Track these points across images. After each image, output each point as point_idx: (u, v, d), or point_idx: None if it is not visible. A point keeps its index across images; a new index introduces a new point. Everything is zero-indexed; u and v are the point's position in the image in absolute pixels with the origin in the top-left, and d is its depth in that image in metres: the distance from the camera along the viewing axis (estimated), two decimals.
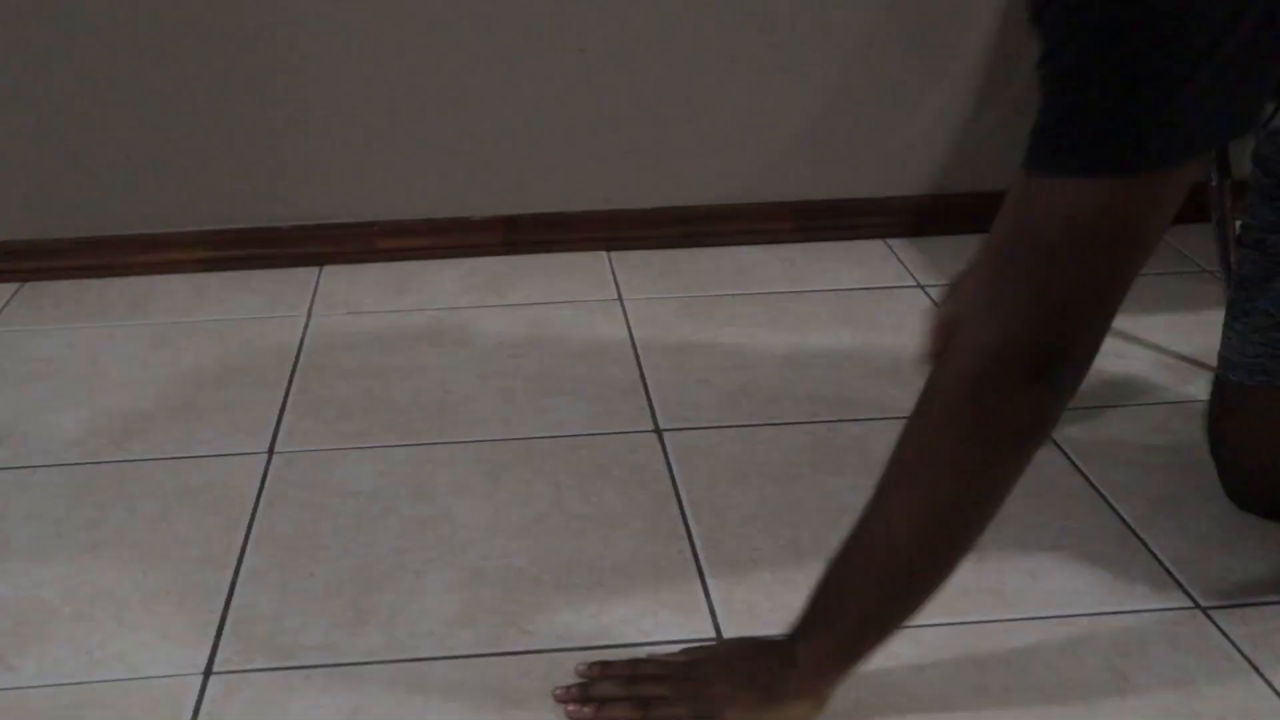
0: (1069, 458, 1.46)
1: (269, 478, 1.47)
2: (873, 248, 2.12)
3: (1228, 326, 1.33)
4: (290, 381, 1.72)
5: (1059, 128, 0.87)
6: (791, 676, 1.01)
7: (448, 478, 1.32)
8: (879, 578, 0.98)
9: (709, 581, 1.26)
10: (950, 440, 0.94)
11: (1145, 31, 0.82)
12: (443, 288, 2.00)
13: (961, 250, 1.72)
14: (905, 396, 1.08)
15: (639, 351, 1.76)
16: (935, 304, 1.14)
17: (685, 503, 1.39)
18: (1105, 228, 0.88)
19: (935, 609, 1.20)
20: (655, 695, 1.04)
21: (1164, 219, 0.90)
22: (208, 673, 1.15)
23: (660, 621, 1.21)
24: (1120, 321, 1.71)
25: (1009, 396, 0.91)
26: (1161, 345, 1.75)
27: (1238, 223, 1.36)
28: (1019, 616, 1.19)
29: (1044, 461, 1.46)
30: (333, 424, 1.60)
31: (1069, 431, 1.51)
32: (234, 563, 1.31)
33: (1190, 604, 1.20)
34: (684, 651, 1.08)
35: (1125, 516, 1.34)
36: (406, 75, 2.05)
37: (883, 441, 1.14)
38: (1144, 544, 1.29)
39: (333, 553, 1.32)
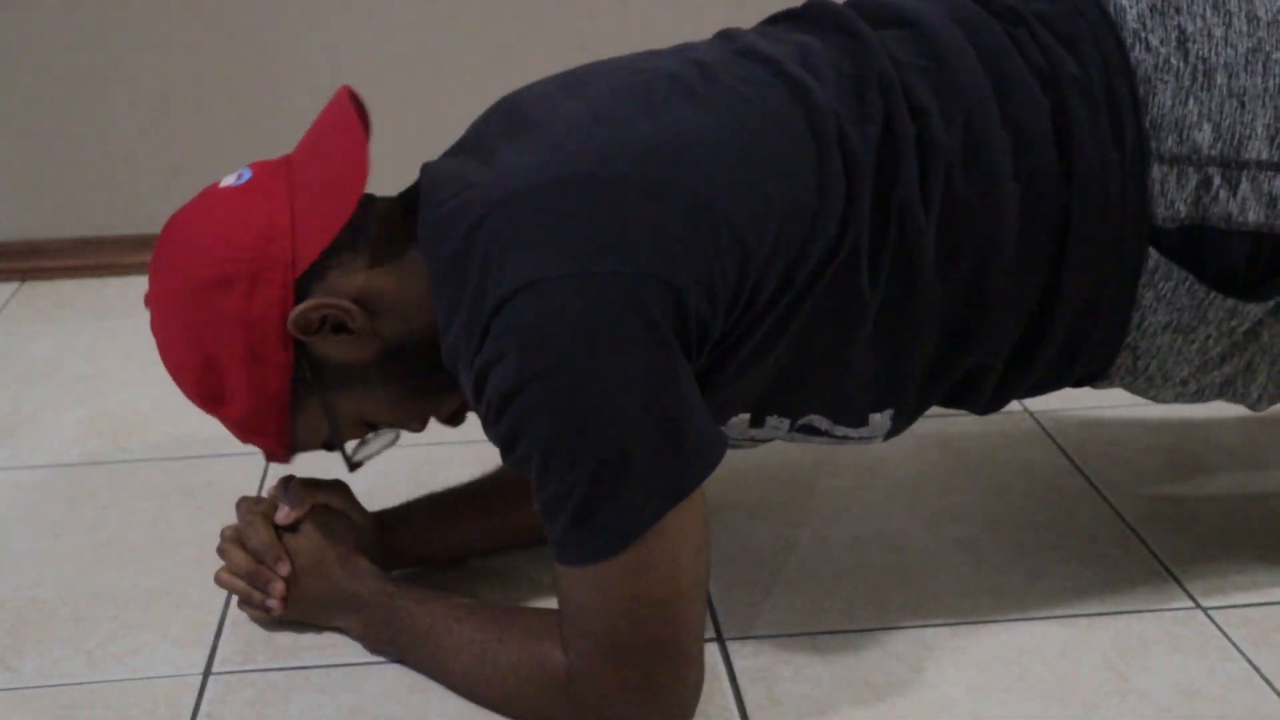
0: (1069, 458, 1.46)
1: (269, 477, 1.47)
2: None
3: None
4: None
5: (569, 534, 0.99)
6: (348, 615, 1.16)
7: (447, 477, 1.32)
8: (442, 677, 1.12)
9: None
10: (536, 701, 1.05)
11: (582, 448, 0.95)
12: None
13: None
14: None
15: None
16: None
17: None
18: (643, 582, 0.98)
19: (935, 609, 1.20)
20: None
21: (694, 532, 0.99)
22: (207, 673, 1.15)
23: None
24: None
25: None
26: None
27: None
28: (1019, 616, 1.19)
29: (1044, 462, 1.46)
30: None
31: (1069, 431, 1.51)
32: None
33: (1190, 604, 1.20)
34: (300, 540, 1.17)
35: (1125, 516, 1.34)
36: (405, 73, 2.05)
37: (883, 442, 1.14)
38: (1144, 544, 1.29)
39: None
